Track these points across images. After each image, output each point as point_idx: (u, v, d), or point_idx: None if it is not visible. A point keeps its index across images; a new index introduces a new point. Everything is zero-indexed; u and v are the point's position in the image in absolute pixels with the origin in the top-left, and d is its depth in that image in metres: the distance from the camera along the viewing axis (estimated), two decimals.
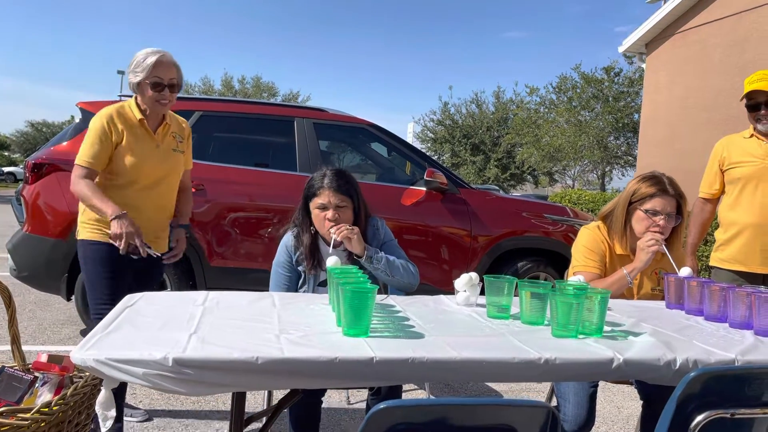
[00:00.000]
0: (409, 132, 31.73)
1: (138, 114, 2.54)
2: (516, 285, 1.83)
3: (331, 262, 1.98)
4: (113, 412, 1.30)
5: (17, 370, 1.87)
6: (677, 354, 1.48)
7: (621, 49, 13.02)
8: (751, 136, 2.97)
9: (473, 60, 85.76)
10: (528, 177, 33.31)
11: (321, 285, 2.33)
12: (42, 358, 1.87)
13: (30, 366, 1.93)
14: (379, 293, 2.25)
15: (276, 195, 4.37)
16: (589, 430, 2.15)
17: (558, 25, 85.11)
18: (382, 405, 1.05)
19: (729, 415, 1.31)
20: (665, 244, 2.27)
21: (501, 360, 1.40)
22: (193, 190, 3.73)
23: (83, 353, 1.27)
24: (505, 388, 3.69)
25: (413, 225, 4.51)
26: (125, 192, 2.52)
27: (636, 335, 1.67)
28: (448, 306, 1.99)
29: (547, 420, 1.11)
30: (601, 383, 3.10)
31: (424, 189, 4.56)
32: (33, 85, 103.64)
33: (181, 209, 2.79)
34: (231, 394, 1.64)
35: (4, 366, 1.87)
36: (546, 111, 26.33)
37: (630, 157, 24.53)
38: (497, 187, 26.68)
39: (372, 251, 2.22)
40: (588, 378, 1.82)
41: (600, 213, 2.51)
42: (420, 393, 3.51)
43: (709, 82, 10.68)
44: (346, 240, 2.17)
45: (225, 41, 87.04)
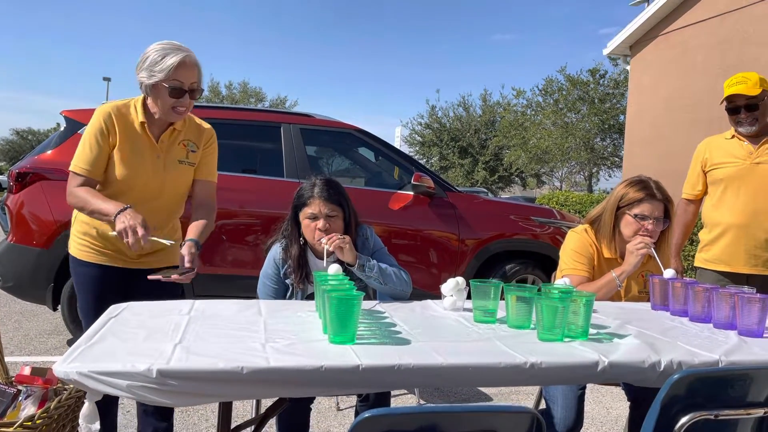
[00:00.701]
0: (397, 136, 31.86)
1: (141, 116, 2.17)
2: (502, 289, 1.84)
3: (333, 270, 1.97)
4: (97, 425, 1.29)
5: (0, 384, 1.85)
6: (662, 356, 1.49)
7: (606, 52, 13.13)
8: (733, 137, 2.97)
9: (460, 64, 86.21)
10: (516, 179, 33.53)
11: (309, 299, 2.29)
12: (25, 371, 1.85)
13: (13, 379, 1.91)
14: (368, 299, 2.24)
15: (263, 201, 4.36)
16: (578, 431, 2.17)
17: (543, 28, 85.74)
18: (367, 414, 1.05)
19: (713, 417, 1.32)
20: (653, 247, 2.29)
21: (487, 365, 1.40)
22: None
23: (66, 366, 1.26)
24: (495, 391, 3.70)
25: (401, 229, 4.52)
26: None
27: (621, 337, 1.68)
28: (435, 311, 2.00)
29: (532, 425, 1.12)
30: (590, 384, 3.12)
31: (411, 193, 4.57)
32: (18, 93, 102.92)
33: (195, 229, 2.18)
34: (218, 403, 1.63)
35: None
36: (533, 113, 26.51)
37: (616, 158, 24.73)
38: (486, 190, 26.77)
39: (364, 259, 2.20)
40: (574, 381, 1.83)
41: (587, 217, 2.52)
42: (409, 397, 3.51)
43: (693, 83, 10.80)
44: (337, 249, 2.14)
45: (211, 47, 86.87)
